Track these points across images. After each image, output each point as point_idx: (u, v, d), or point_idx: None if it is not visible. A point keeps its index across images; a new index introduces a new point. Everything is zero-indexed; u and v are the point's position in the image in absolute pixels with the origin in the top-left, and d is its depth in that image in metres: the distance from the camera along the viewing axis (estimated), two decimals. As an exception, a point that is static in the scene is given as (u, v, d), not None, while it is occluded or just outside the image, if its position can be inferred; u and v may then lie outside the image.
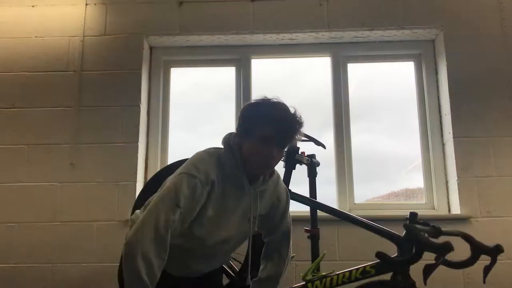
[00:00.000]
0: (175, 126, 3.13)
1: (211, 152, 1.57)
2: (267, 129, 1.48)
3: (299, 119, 1.53)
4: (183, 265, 1.61)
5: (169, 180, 1.49)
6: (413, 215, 1.83)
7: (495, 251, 1.72)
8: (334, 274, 1.83)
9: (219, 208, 1.51)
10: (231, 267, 2.08)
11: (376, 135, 3.18)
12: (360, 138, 3.04)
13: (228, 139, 1.57)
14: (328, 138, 2.99)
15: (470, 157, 2.75)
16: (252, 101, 1.61)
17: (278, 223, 1.75)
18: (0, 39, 3.03)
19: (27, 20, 3.04)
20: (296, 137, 1.55)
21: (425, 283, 1.65)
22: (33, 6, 3.07)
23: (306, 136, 2.20)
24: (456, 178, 2.74)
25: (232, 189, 1.53)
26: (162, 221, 1.37)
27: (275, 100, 1.54)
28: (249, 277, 1.73)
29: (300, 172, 2.23)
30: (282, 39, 3.09)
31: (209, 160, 1.52)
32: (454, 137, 2.79)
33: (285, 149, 1.58)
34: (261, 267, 1.77)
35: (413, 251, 1.75)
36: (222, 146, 1.59)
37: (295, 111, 1.53)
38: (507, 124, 2.79)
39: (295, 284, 1.92)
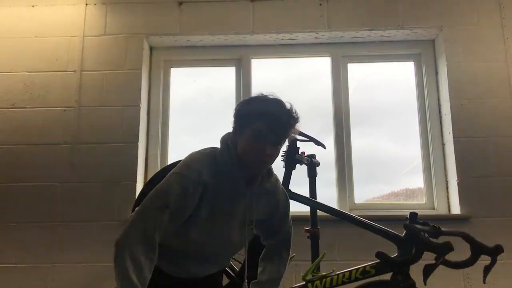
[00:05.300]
0: (175, 126, 3.12)
1: (206, 152, 1.52)
2: (259, 124, 1.42)
3: (294, 115, 1.47)
4: (180, 268, 1.58)
5: (162, 180, 1.45)
6: (413, 215, 1.83)
7: (495, 251, 1.72)
8: (334, 274, 1.84)
9: (213, 209, 1.47)
10: (231, 267, 2.08)
11: (376, 135, 3.18)
12: (360, 138, 3.04)
13: (226, 139, 1.53)
14: (329, 138, 2.99)
15: (470, 157, 2.75)
16: (247, 98, 1.57)
17: (277, 228, 1.71)
18: (0, 39, 3.03)
19: (27, 20, 3.04)
20: (291, 133, 1.50)
21: (425, 283, 1.66)
22: (33, 6, 3.07)
23: (306, 136, 2.19)
24: (456, 178, 2.74)
25: (227, 191, 1.49)
26: (151, 221, 1.34)
27: (270, 96, 1.49)
28: (246, 281, 1.65)
29: (300, 172, 2.23)
30: (282, 39, 3.08)
31: (204, 160, 1.48)
32: (454, 137, 2.79)
33: (282, 147, 1.52)
34: (259, 269, 1.73)
35: (413, 251, 1.75)
36: (220, 146, 1.55)
37: (290, 107, 1.48)
38: (507, 124, 2.79)
39: (295, 284, 1.93)
